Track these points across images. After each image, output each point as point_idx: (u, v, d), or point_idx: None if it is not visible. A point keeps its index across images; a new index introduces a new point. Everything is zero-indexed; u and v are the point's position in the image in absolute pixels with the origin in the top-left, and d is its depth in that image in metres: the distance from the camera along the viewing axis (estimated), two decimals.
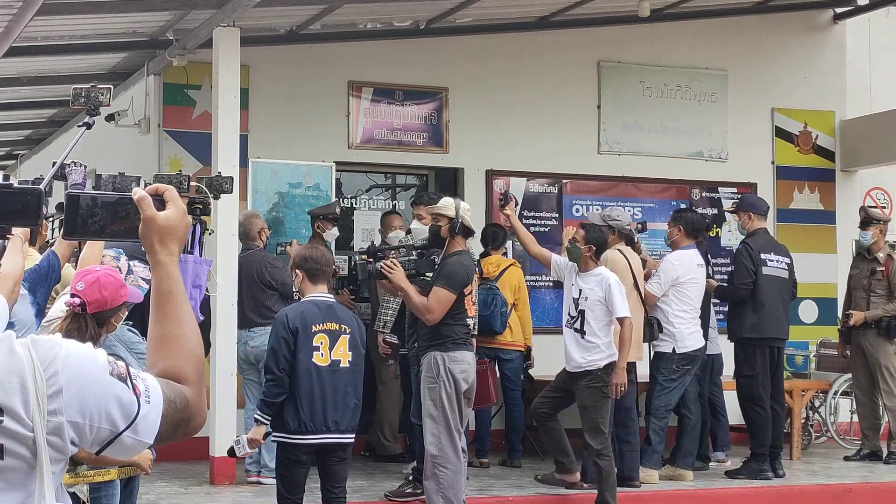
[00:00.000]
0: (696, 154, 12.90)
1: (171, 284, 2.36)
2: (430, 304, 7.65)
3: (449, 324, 7.73)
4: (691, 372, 9.79)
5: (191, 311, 2.38)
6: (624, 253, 9.42)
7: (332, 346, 6.91)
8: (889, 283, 11.06)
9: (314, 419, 6.81)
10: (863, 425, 11.39)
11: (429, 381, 7.81)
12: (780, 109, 13.29)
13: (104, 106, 4.74)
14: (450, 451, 7.74)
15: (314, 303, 6.98)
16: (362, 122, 11.68)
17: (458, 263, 7.74)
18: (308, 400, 6.82)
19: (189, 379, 2.31)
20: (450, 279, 7.68)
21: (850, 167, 13.48)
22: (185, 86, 11.03)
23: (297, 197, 10.82)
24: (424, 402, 7.87)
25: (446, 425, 7.74)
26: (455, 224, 7.76)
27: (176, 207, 2.40)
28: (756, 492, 9.69)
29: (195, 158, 10.87)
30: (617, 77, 12.61)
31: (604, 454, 8.54)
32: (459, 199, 8.09)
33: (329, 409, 6.84)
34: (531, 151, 12.18)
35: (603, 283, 8.54)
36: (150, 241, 2.37)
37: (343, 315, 7.06)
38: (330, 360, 6.90)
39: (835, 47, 13.54)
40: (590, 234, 8.65)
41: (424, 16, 11.21)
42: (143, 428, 2.19)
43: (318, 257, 7.07)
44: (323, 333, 6.90)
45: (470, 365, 7.84)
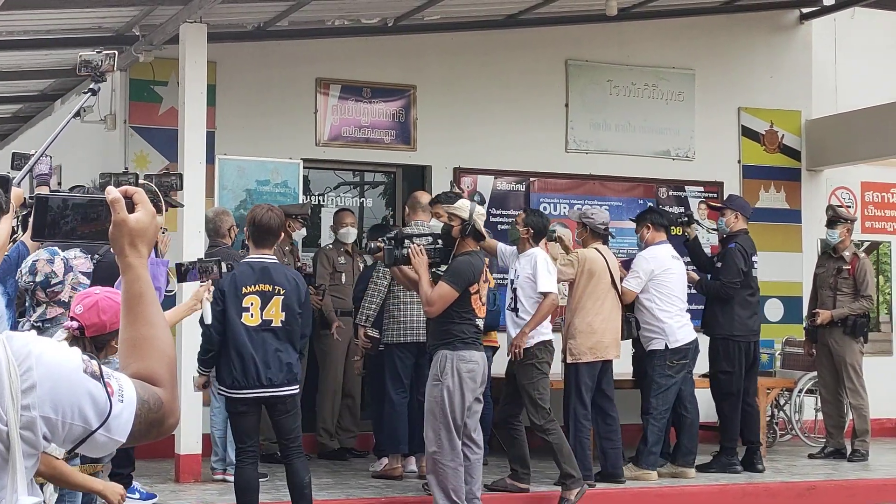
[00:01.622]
0: (662, 153, 12.94)
1: (141, 286, 2.36)
2: (432, 297, 7.84)
3: (457, 322, 7.88)
4: (686, 366, 9.85)
5: (161, 313, 2.38)
6: (601, 252, 9.47)
7: (263, 307, 7.28)
8: (855, 282, 11.14)
9: (247, 376, 7.27)
10: (827, 423, 11.46)
11: (433, 377, 7.98)
12: (746, 109, 13.35)
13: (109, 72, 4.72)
14: (448, 448, 7.90)
15: (249, 264, 7.39)
16: (330, 119, 11.66)
17: (466, 262, 7.89)
18: (238, 358, 7.27)
19: (162, 380, 2.32)
20: (454, 276, 7.84)
21: (816, 167, 13.56)
22: (152, 82, 10.97)
23: (264, 194, 10.78)
24: (427, 397, 8.05)
25: (445, 422, 7.89)
26: (466, 226, 7.91)
27: (146, 210, 2.40)
28: (721, 489, 9.74)
29: (161, 155, 10.82)
30: (585, 76, 12.63)
31: (548, 429, 8.69)
32: (477, 203, 8.21)
33: (261, 366, 7.26)
34: (499, 149, 12.19)
35: (532, 260, 8.71)
36: (121, 244, 2.36)
37: (278, 277, 7.36)
38: (260, 319, 7.29)
39: (801, 47, 13.62)
40: (529, 217, 8.86)
41: (392, 13, 11.19)
42: (116, 426, 2.20)
43: (263, 223, 7.38)
44: (254, 295, 7.28)
45: (478, 364, 7.96)
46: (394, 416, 9.58)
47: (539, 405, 8.70)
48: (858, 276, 11.15)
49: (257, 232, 7.42)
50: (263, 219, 7.39)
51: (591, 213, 9.62)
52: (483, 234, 8.08)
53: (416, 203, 9.76)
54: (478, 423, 8.19)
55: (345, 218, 10.99)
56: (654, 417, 9.77)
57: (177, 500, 8.74)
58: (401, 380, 9.57)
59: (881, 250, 13.90)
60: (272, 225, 7.42)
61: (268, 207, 7.58)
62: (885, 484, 10.16)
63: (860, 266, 11.19)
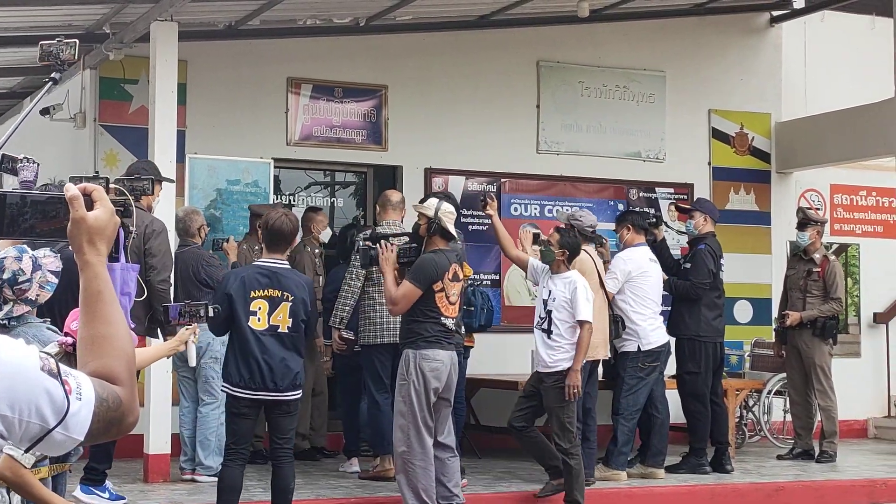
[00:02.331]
0: (633, 154, 12.97)
1: (99, 285, 2.34)
2: (396, 296, 7.88)
3: (420, 321, 7.88)
4: (657, 369, 9.87)
5: (120, 311, 2.36)
6: (590, 254, 9.47)
7: (270, 312, 7.29)
8: (825, 284, 11.19)
9: (253, 378, 7.29)
10: (796, 424, 11.51)
11: (400, 377, 8.00)
12: (716, 111, 13.40)
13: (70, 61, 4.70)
14: (417, 448, 7.89)
15: (259, 269, 7.41)
16: (301, 118, 11.64)
17: (430, 261, 7.89)
18: (245, 360, 7.29)
19: (121, 378, 2.30)
20: (416, 274, 7.85)
21: (786, 169, 13.62)
22: (122, 80, 10.93)
23: (235, 194, 10.76)
24: (396, 397, 8.06)
25: (414, 422, 7.89)
26: (432, 224, 7.90)
27: (105, 207, 2.38)
28: (690, 490, 9.77)
29: (131, 153, 10.77)
30: (556, 77, 12.65)
31: (572, 453, 8.62)
32: (447, 201, 8.16)
33: (265, 371, 7.28)
34: (470, 150, 12.20)
35: (570, 285, 8.62)
36: (79, 242, 2.35)
37: (287, 283, 7.36)
38: (267, 324, 7.31)
39: (771, 50, 13.67)
40: (564, 238, 8.73)
41: (364, 13, 11.18)
42: (74, 424, 2.18)
43: (277, 228, 7.37)
44: (262, 300, 7.30)
45: (443, 363, 7.92)
46: (379, 417, 9.57)
47: (567, 429, 8.63)
48: (828, 279, 11.20)
49: (270, 236, 7.40)
50: (277, 224, 7.37)
51: (579, 216, 9.63)
52: (450, 232, 8.04)
53: (386, 202, 9.74)
54: (447, 427, 8.16)
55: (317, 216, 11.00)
56: (624, 418, 9.80)
57: (145, 500, 8.70)
58: (382, 380, 9.55)
59: (850, 253, 13.97)
60: (286, 230, 7.41)
61: (283, 212, 7.56)
62: (852, 485, 10.22)
63: (830, 268, 11.24)
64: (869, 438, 13.60)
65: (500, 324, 11.98)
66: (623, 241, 10.12)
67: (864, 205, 14.13)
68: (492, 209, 9.14)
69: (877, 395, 13.85)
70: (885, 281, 13.20)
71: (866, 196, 14.12)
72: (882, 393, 13.86)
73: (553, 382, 8.68)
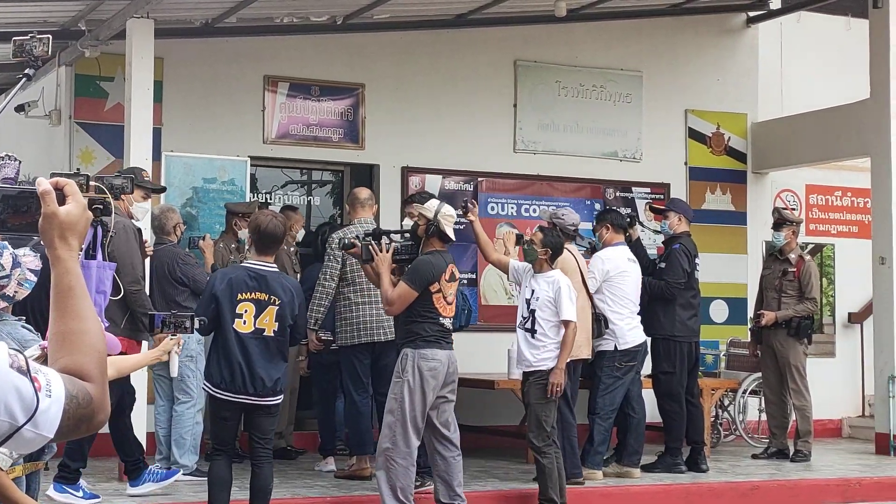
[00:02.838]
0: (610, 154, 12.99)
1: (71, 280, 2.33)
2: (391, 297, 7.88)
3: (418, 321, 7.90)
4: (634, 368, 9.89)
5: (92, 307, 2.34)
6: (572, 252, 9.47)
7: (257, 315, 7.23)
8: (800, 284, 11.23)
9: (234, 381, 7.23)
10: (771, 424, 11.55)
11: (395, 375, 7.99)
12: (693, 111, 13.43)
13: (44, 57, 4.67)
14: (403, 446, 7.89)
15: (248, 271, 7.33)
16: (278, 117, 11.61)
17: (427, 262, 7.91)
18: (227, 363, 7.23)
19: (92, 375, 2.28)
20: (413, 276, 7.87)
21: (762, 169, 13.66)
22: (98, 77, 10.89)
23: (211, 192, 10.73)
24: (389, 394, 8.06)
25: (402, 420, 7.89)
26: (430, 226, 7.93)
27: (76, 202, 2.37)
28: (665, 489, 9.78)
29: (107, 151, 10.74)
30: (533, 76, 12.66)
31: (545, 452, 8.60)
32: (447, 203, 8.18)
33: (247, 375, 7.21)
34: (447, 149, 12.20)
35: (553, 285, 8.61)
36: (51, 237, 2.33)
37: (275, 286, 7.29)
38: (253, 328, 7.24)
39: (747, 51, 13.72)
40: (547, 237, 8.73)
41: (341, 11, 11.17)
42: (44, 422, 2.16)
43: (268, 230, 7.30)
44: (249, 302, 7.23)
45: (441, 363, 7.94)
46: (358, 418, 9.57)
47: (543, 427, 8.63)
48: (803, 279, 11.24)
49: (260, 239, 7.33)
50: (268, 226, 7.31)
51: (561, 214, 9.63)
52: (448, 235, 8.06)
53: (354, 200, 9.69)
54: (450, 420, 8.18)
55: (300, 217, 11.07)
56: (600, 417, 9.80)
57: (121, 499, 8.67)
58: (361, 380, 9.55)
59: (825, 253, 14.02)
60: (276, 233, 7.36)
61: (272, 214, 7.53)
62: (827, 484, 10.25)
63: (805, 268, 11.28)
64: (843, 438, 13.66)
65: (476, 323, 11.98)
66: (602, 241, 10.14)
67: (840, 205, 14.19)
68: (473, 215, 9.13)
69: (851, 394, 13.91)
70: (860, 281, 13.24)
71: (841, 196, 14.18)
72: (856, 392, 13.92)
73: (535, 379, 8.69)
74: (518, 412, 10.64)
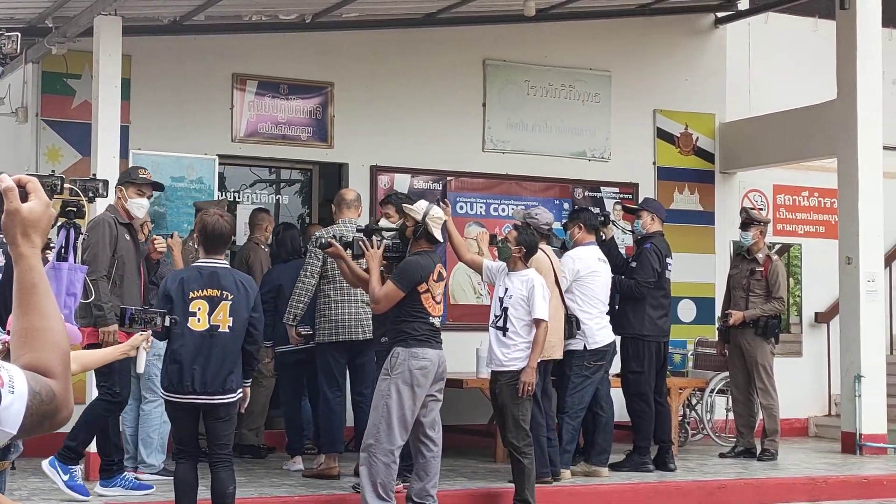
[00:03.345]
0: (579, 153, 13.02)
1: (34, 277, 2.32)
2: (378, 295, 7.92)
3: (408, 321, 7.94)
4: (603, 368, 9.90)
5: (55, 304, 2.33)
6: (547, 252, 9.47)
7: (210, 312, 7.17)
8: (767, 284, 11.28)
9: (182, 381, 7.15)
10: (738, 423, 11.60)
11: (384, 372, 8.01)
12: (661, 111, 13.48)
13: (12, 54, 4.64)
14: (386, 443, 7.90)
15: (198, 269, 7.29)
16: (246, 115, 11.58)
17: (415, 263, 7.95)
18: (178, 363, 7.15)
19: (55, 372, 2.27)
20: (401, 276, 7.90)
21: (729, 169, 13.72)
22: (65, 75, 10.83)
23: (179, 190, 10.69)
24: (376, 391, 8.08)
25: (387, 418, 7.91)
26: (418, 228, 7.98)
27: (39, 199, 2.36)
28: (633, 488, 9.81)
29: (74, 149, 10.70)
30: (502, 76, 12.67)
31: (525, 452, 8.61)
32: (435, 205, 8.20)
33: (199, 373, 7.13)
34: (416, 148, 12.19)
35: (527, 283, 8.62)
36: (13, 234, 2.32)
37: (226, 282, 7.25)
38: (208, 325, 7.18)
39: (716, 51, 13.77)
40: (521, 235, 8.74)
41: (310, 9, 11.15)
42: (6, 418, 2.16)
43: (216, 230, 7.25)
44: (201, 300, 7.18)
45: (432, 362, 7.98)
46: (330, 416, 9.57)
47: (521, 426, 8.64)
48: (771, 278, 11.29)
49: (207, 239, 7.29)
50: (217, 226, 7.26)
51: (535, 214, 9.63)
52: (436, 238, 8.09)
53: (341, 201, 9.72)
54: (435, 420, 8.20)
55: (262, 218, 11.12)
56: (569, 416, 9.82)
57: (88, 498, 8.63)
58: (336, 378, 9.56)
59: (792, 253, 14.09)
60: (223, 232, 7.31)
61: (219, 214, 7.48)
62: (793, 483, 10.30)
63: (772, 268, 11.34)
64: (810, 437, 13.74)
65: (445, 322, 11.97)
66: (573, 239, 10.13)
67: (807, 205, 14.26)
68: (446, 215, 9.15)
69: (817, 393, 13.99)
70: (827, 281, 13.32)
71: (808, 197, 14.26)
72: (823, 392, 14.00)
73: (507, 380, 8.69)
74: (486, 411, 10.65)
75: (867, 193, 11.95)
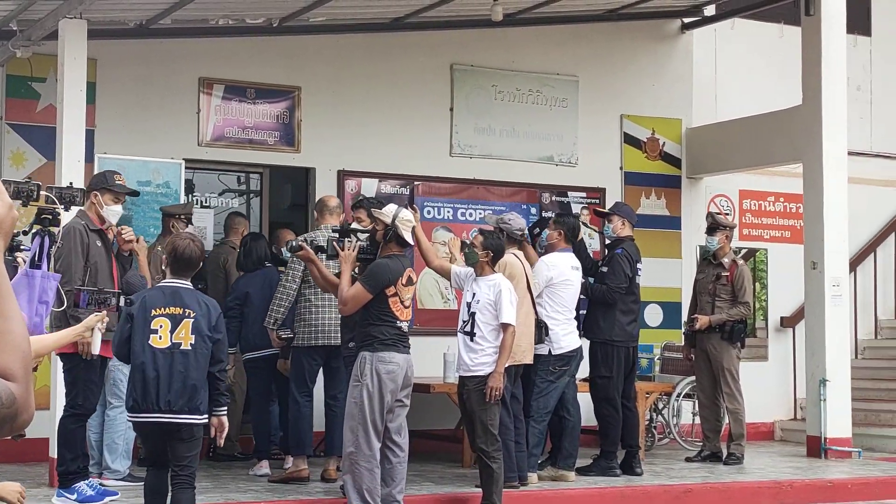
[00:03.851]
0: (546, 158, 13.04)
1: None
2: (346, 297, 7.92)
3: (376, 324, 7.92)
4: (568, 373, 9.90)
5: (17, 306, 2.30)
6: (518, 257, 9.47)
7: (173, 330, 7.12)
8: (733, 288, 11.32)
9: (146, 399, 7.07)
10: (704, 427, 11.64)
11: (353, 379, 8.00)
12: (628, 116, 13.52)
13: None
14: (365, 449, 7.90)
15: (161, 288, 7.28)
16: (213, 119, 11.54)
17: (384, 266, 7.94)
18: (141, 381, 7.07)
19: (16, 375, 2.25)
20: (369, 279, 7.90)
21: (696, 174, 13.78)
22: (30, 78, 10.77)
23: (145, 195, 10.64)
24: (348, 398, 8.05)
25: (363, 423, 7.89)
26: (388, 231, 7.97)
27: (2, 201, 2.33)
28: (600, 492, 9.82)
29: (39, 153, 10.63)
30: (470, 80, 12.68)
31: (494, 456, 8.61)
32: (404, 209, 8.18)
33: (163, 390, 7.05)
34: (383, 152, 12.18)
35: (494, 287, 8.62)
36: None
37: (189, 300, 7.21)
38: (170, 342, 7.11)
39: (682, 56, 13.83)
40: (488, 240, 8.74)
41: (277, 13, 11.12)
42: None
43: (185, 255, 7.21)
44: (164, 317, 7.13)
45: (399, 366, 7.97)
46: (299, 419, 9.58)
47: (490, 431, 8.63)
48: (736, 283, 11.34)
49: (176, 262, 7.26)
50: (185, 251, 7.23)
51: (508, 220, 9.63)
52: (406, 239, 8.08)
53: (323, 207, 9.76)
54: (402, 425, 8.19)
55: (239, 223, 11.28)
56: (534, 420, 9.82)
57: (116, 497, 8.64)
58: (306, 383, 9.58)
59: (758, 257, 14.16)
60: (192, 257, 7.28)
61: (190, 238, 7.45)
62: (759, 486, 10.34)
63: (738, 273, 11.38)
64: (776, 441, 13.80)
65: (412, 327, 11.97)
66: (549, 242, 10.08)
67: (772, 210, 14.33)
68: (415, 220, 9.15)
69: (783, 397, 14.06)
70: (792, 286, 13.39)
71: (774, 202, 14.33)
72: (788, 396, 14.07)
73: (475, 385, 8.68)
74: (454, 416, 10.65)
75: (832, 198, 12.02)
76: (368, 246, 8.18)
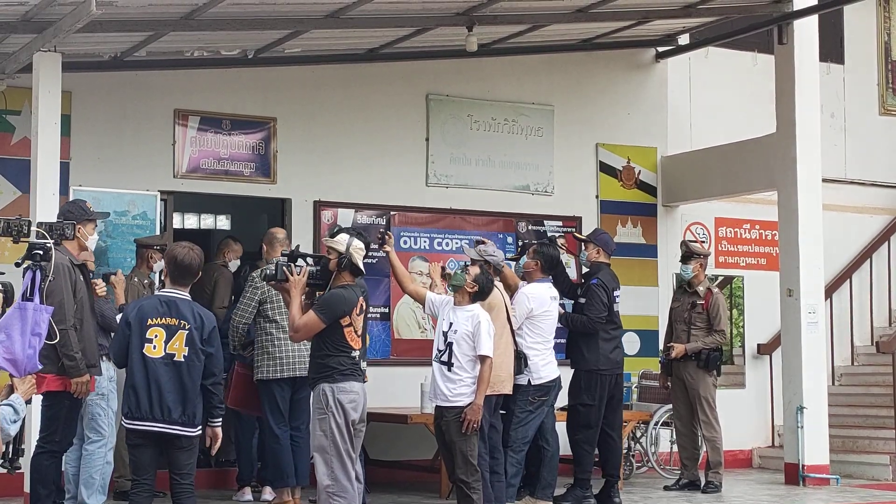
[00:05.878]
0: (522, 187, 13.06)
1: None
2: (298, 324, 7.82)
3: (333, 355, 7.82)
4: (547, 403, 9.88)
5: None
6: (499, 288, 9.44)
7: (167, 340, 7.19)
8: (709, 316, 11.35)
9: (141, 407, 7.15)
10: (682, 455, 11.63)
11: (318, 412, 7.88)
12: (604, 145, 13.56)
13: None
14: (343, 480, 7.78)
15: (158, 298, 7.37)
16: (188, 151, 11.52)
17: (339, 296, 7.85)
18: (135, 389, 7.15)
19: None
20: (324, 308, 7.80)
21: (671, 202, 13.82)
22: (4, 111, 10.74)
23: (121, 226, 10.62)
24: (314, 433, 7.95)
25: (338, 455, 7.80)
26: (342, 260, 7.89)
27: None
28: None
29: (14, 186, 10.60)
30: (445, 110, 12.71)
31: (474, 487, 8.56)
32: (357, 237, 8.12)
33: (156, 399, 7.13)
34: (359, 183, 12.19)
35: (473, 319, 8.57)
36: None
37: (185, 311, 7.27)
38: (164, 352, 7.18)
39: (657, 85, 13.90)
40: (482, 276, 8.71)
41: (253, 45, 11.14)
42: None
43: (186, 263, 7.32)
44: (159, 327, 7.20)
45: (358, 395, 7.88)
46: (279, 451, 9.57)
47: (470, 462, 8.59)
48: (712, 311, 11.36)
49: (175, 269, 7.34)
50: (184, 259, 7.31)
51: (493, 252, 9.61)
52: (360, 269, 8.05)
53: (273, 239, 9.81)
54: (359, 455, 8.13)
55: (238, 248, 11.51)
56: (513, 450, 9.78)
57: None
58: (282, 414, 9.62)
59: (735, 285, 14.20)
60: (191, 264, 7.35)
61: (189, 247, 7.48)
62: None
63: (713, 301, 11.40)
64: (754, 468, 13.81)
65: (389, 357, 11.97)
66: (526, 270, 10.03)
67: (748, 238, 14.38)
68: (389, 246, 9.14)
69: (761, 425, 14.08)
70: (769, 313, 13.43)
71: (750, 229, 14.38)
72: (766, 423, 14.09)
73: (454, 416, 8.64)
74: (431, 446, 10.62)
75: (807, 226, 12.08)
76: (318, 272, 8.11)
